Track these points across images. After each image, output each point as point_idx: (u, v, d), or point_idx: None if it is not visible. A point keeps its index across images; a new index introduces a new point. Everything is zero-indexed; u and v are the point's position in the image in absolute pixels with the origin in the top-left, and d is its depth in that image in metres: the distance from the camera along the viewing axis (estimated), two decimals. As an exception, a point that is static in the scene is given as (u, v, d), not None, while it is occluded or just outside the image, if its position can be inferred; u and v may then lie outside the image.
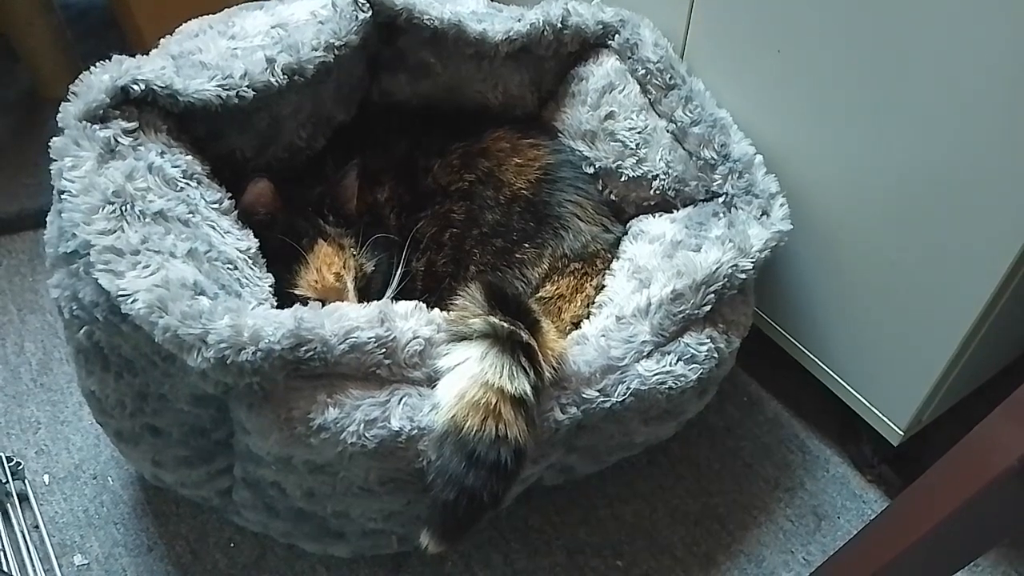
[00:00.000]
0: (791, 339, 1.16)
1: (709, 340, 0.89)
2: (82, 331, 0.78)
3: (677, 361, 0.87)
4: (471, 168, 1.06)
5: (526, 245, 1.02)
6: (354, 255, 0.96)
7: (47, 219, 0.82)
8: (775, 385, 1.28)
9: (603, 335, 0.86)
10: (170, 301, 0.68)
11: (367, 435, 0.73)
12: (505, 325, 0.77)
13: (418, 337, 0.76)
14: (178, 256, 0.75)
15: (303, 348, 0.70)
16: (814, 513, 1.13)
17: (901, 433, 1.06)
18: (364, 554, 1.01)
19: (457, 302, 0.81)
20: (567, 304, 0.97)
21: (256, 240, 0.88)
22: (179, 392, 0.78)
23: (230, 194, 0.90)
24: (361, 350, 0.73)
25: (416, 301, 0.80)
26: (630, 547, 1.09)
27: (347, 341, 0.72)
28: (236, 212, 0.89)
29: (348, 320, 0.73)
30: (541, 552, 1.08)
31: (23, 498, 1.10)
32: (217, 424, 0.82)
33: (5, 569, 0.94)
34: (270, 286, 0.85)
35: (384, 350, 0.74)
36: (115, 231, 0.73)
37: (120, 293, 0.69)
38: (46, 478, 1.13)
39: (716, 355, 0.90)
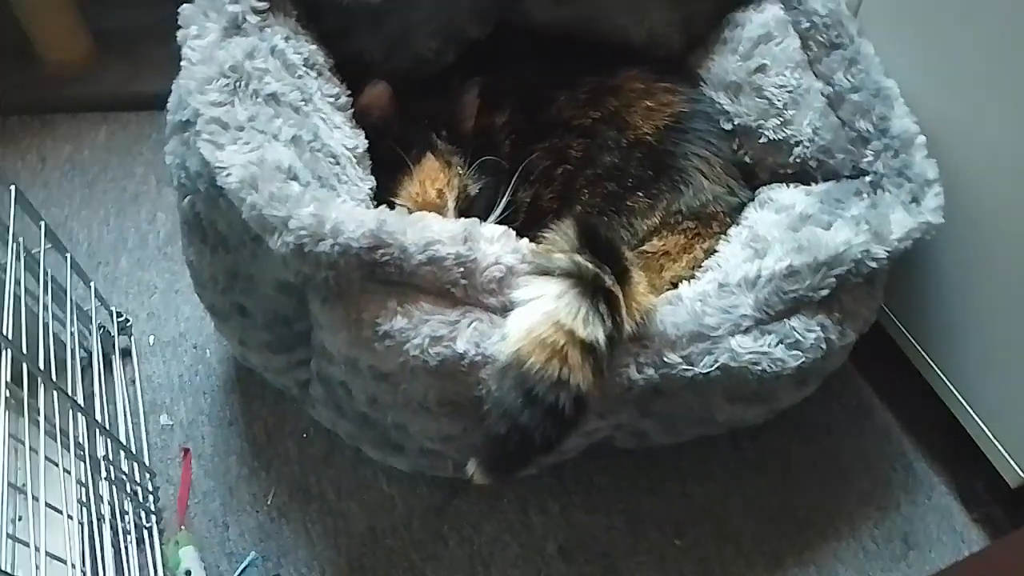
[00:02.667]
0: (917, 347, 1.04)
1: (819, 328, 0.81)
2: (186, 200, 0.80)
3: (778, 343, 0.79)
4: (598, 105, 1.00)
5: (639, 193, 0.96)
6: (460, 175, 0.93)
7: (172, 87, 0.84)
8: (890, 393, 1.16)
9: (700, 300, 0.79)
10: (261, 180, 0.68)
11: (430, 351, 0.71)
12: (590, 267, 0.72)
13: (499, 263, 0.73)
14: (280, 140, 0.74)
15: (380, 251, 0.69)
16: (904, 540, 1.03)
17: (1023, 476, 0.93)
18: (423, 472, 1.01)
19: (547, 235, 0.76)
20: (671, 263, 0.91)
21: (366, 142, 0.87)
22: (265, 275, 0.79)
23: (349, 92, 0.89)
24: (439, 264, 0.71)
25: (506, 227, 0.76)
26: (693, 528, 1.03)
27: (426, 252, 0.70)
28: (351, 111, 0.88)
29: (431, 232, 0.71)
30: (600, 511, 1.04)
31: (126, 353, 1.17)
32: (299, 315, 0.83)
33: (96, 417, 1.01)
34: (370, 189, 0.84)
35: (462, 269, 0.72)
36: (225, 104, 0.74)
37: (218, 165, 0.70)
38: (151, 339, 1.20)
39: (824, 346, 0.81)
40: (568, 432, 0.70)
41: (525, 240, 0.76)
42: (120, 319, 1.16)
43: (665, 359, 0.77)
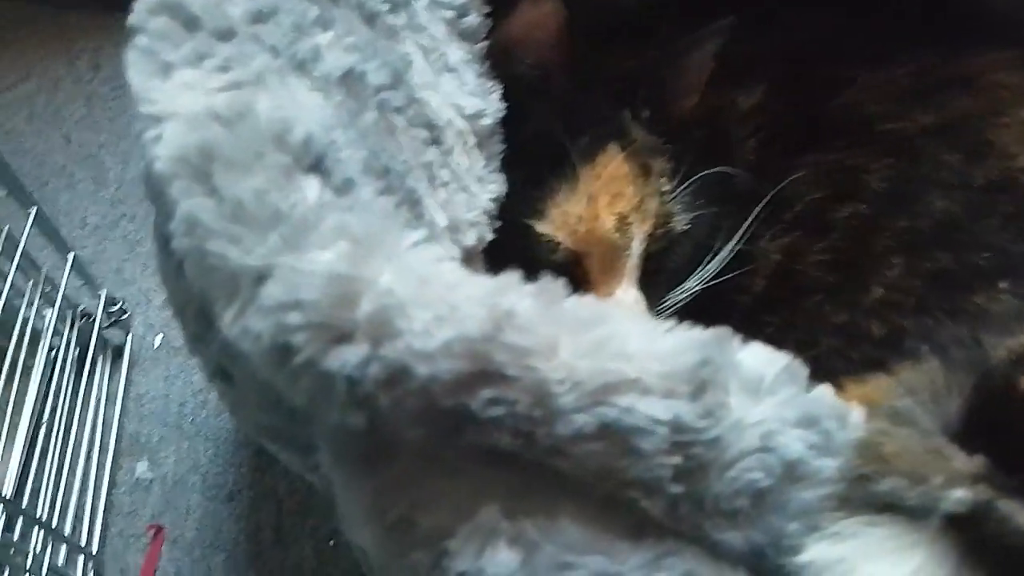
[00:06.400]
0: None
1: None
2: (143, 166, 0.41)
3: None
4: (931, 103, 0.54)
5: (1003, 284, 0.49)
6: (663, 192, 0.51)
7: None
8: None
9: None
10: (220, 162, 0.28)
11: (565, 646, 0.29)
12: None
13: (772, 449, 0.30)
14: (311, 75, 0.33)
15: (484, 391, 0.27)
16: None
17: None
18: None
19: (882, 385, 0.32)
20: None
21: (502, 105, 0.46)
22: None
23: (488, 10, 0.48)
24: (623, 440, 0.28)
25: (790, 358, 0.32)
26: None
27: (599, 409, 0.27)
28: (484, 43, 0.47)
29: (623, 355, 0.28)
30: None
31: (117, 355, 0.82)
32: (309, 416, 0.43)
33: (43, 444, 0.66)
34: (492, 199, 0.43)
35: (680, 458, 0.29)
36: (209, -18, 0.33)
37: (145, 109, 0.30)
38: (157, 340, 0.84)
39: None
40: None
41: (830, 395, 0.32)
42: (113, 307, 0.81)
43: None
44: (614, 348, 0.28)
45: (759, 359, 0.31)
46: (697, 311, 0.54)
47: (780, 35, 0.59)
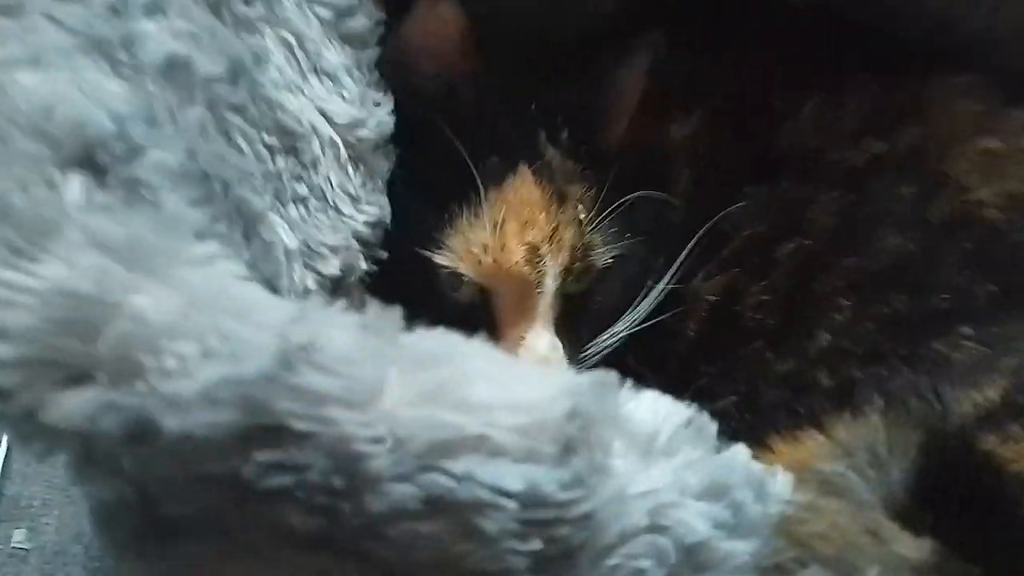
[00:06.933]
0: None
1: None
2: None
3: None
4: (883, 130, 0.49)
5: (965, 329, 0.43)
6: (580, 221, 0.45)
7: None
8: None
9: None
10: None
11: None
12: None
13: (666, 528, 0.23)
14: (120, 58, 0.27)
15: (264, 452, 0.20)
16: None
17: None
18: None
19: (814, 444, 0.26)
20: None
21: (391, 118, 0.40)
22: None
23: (384, 15, 0.42)
24: (453, 514, 0.21)
25: (690, 406, 0.26)
26: None
27: (426, 477, 0.21)
28: (376, 48, 0.41)
29: (483, 411, 0.21)
30: None
31: (2, 411, 0.74)
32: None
33: None
34: (368, 223, 0.37)
35: (538, 541, 0.22)
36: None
37: None
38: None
39: None
40: None
41: (754, 462, 0.26)
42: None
43: None
44: (457, 395, 0.22)
45: (653, 411, 0.24)
46: (630, 361, 0.48)
47: (722, 60, 0.54)
